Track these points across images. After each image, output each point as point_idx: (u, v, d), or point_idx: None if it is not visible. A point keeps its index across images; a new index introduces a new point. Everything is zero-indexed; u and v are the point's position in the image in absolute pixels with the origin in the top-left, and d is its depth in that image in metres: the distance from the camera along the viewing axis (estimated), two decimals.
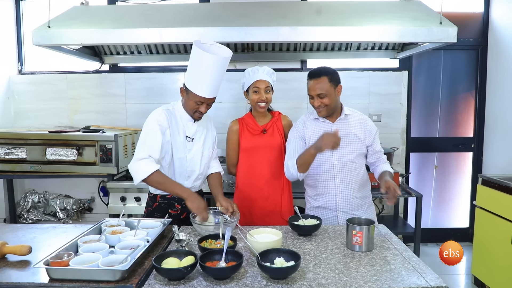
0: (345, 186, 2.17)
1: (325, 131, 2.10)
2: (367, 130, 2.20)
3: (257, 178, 2.39)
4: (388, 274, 1.44)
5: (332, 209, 2.21)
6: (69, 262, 1.39)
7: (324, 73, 2.08)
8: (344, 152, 2.15)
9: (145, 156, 1.94)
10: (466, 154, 4.13)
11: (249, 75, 2.34)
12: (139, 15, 3.20)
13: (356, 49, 3.69)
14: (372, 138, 2.21)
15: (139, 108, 3.86)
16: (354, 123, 2.20)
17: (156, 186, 2.01)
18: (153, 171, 1.92)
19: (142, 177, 1.91)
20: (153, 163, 1.95)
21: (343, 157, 2.16)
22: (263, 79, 2.31)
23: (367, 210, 2.25)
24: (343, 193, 2.18)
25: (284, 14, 2.98)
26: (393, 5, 3.16)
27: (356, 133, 2.18)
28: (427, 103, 4.07)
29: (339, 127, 2.15)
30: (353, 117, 2.22)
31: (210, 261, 1.47)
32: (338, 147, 1.95)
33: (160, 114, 2.04)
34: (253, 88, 2.32)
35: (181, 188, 1.98)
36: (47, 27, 2.76)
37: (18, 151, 3.24)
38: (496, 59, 3.83)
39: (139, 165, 1.93)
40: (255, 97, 2.32)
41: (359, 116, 2.24)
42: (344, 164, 2.16)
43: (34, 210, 3.79)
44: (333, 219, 2.21)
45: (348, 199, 2.18)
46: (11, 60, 3.91)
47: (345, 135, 2.15)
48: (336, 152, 2.15)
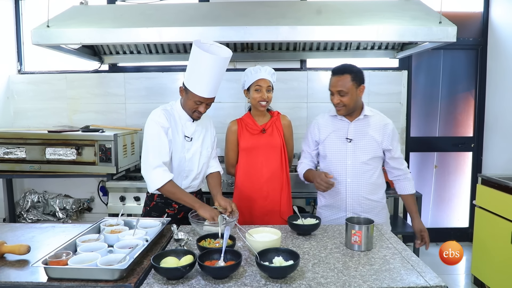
0: (356, 187, 2.14)
1: (338, 129, 2.18)
2: (387, 133, 2.14)
3: (256, 177, 2.39)
4: (387, 273, 1.44)
5: (341, 209, 2.19)
6: (67, 262, 1.38)
7: (348, 71, 2.07)
8: (358, 153, 2.12)
9: (159, 163, 1.97)
10: (466, 154, 4.13)
11: (251, 73, 2.33)
12: (138, 14, 3.20)
13: (356, 48, 3.69)
14: (391, 142, 2.15)
15: (139, 108, 3.86)
16: (373, 125, 2.15)
17: (168, 195, 2.02)
18: (167, 181, 1.95)
19: (157, 186, 1.96)
20: (167, 173, 1.98)
21: (357, 158, 2.12)
22: (265, 78, 2.31)
23: (378, 213, 2.20)
24: (353, 194, 2.15)
25: (283, 13, 2.98)
26: (393, 4, 3.16)
27: (373, 135, 2.13)
28: (427, 103, 4.07)
29: (355, 127, 2.14)
30: (373, 118, 2.17)
31: (209, 260, 1.47)
32: (331, 186, 2.02)
33: (159, 115, 2.04)
34: (255, 86, 2.31)
35: (192, 198, 1.99)
36: (46, 27, 2.75)
37: (18, 151, 3.24)
38: (496, 59, 3.83)
39: (154, 175, 1.96)
40: (257, 96, 2.31)
41: (380, 118, 2.18)
42: (356, 165, 2.13)
43: (34, 209, 3.79)
44: (342, 219, 2.18)
45: (358, 200, 2.15)
46: (10, 59, 3.91)
47: (361, 136, 2.13)
48: (350, 152, 2.13)
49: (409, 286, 1.34)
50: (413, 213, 2.26)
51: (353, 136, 2.14)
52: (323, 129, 2.24)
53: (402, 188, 2.27)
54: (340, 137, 2.17)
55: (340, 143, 2.17)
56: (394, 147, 2.17)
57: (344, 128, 2.18)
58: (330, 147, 2.20)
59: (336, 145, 2.17)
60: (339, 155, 2.16)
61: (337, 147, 2.17)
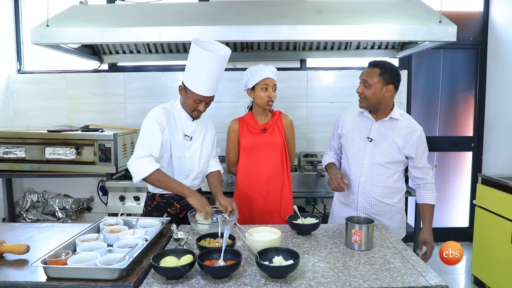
0: (368, 188, 2.10)
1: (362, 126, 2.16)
2: (411, 140, 2.04)
3: (257, 177, 2.38)
4: (388, 273, 1.44)
5: (353, 208, 2.17)
6: (66, 261, 1.38)
7: (380, 65, 2.02)
8: (376, 155, 2.07)
9: (146, 154, 1.94)
10: (466, 154, 4.12)
11: (256, 72, 2.30)
12: (138, 14, 3.20)
13: (356, 48, 3.69)
14: (415, 150, 2.05)
15: (138, 108, 3.85)
16: (398, 129, 2.07)
17: (156, 184, 1.99)
18: (154, 170, 1.91)
19: (143, 175, 1.90)
20: (153, 162, 1.94)
21: (374, 159, 2.08)
22: (271, 77, 2.30)
23: (392, 217, 2.15)
24: (365, 194, 2.11)
25: (283, 13, 2.98)
26: (393, 4, 3.15)
27: (395, 139, 2.05)
28: (427, 102, 4.07)
29: (379, 128, 2.09)
30: (401, 122, 2.08)
31: (209, 260, 1.47)
32: (343, 188, 2.03)
33: (158, 113, 2.04)
34: (262, 85, 2.28)
35: (181, 186, 1.97)
36: (46, 26, 2.75)
37: (17, 151, 3.23)
38: (496, 58, 3.82)
39: (139, 164, 1.92)
40: (264, 95, 2.29)
41: (408, 123, 2.09)
42: (373, 166, 2.08)
43: (33, 209, 3.78)
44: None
45: (370, 201, 2.11)
46: (10, 59, 3.90)
47: (383, 138, 2.08)
48: (369, 152, 2.09)
49: (409, 286, 1.33)
50: (425, 223, 2.17)
51: (375, 136, 2.09)
52: (347, 123, 2.22)
53: (422, 196, 2.18)
54: (361, 135, 2.13)
55: (360, 141, 2.13)
56: (418, 156, 2.08)
57: (368, 126, 2.13)
58: (350, 143, 2.17)
59: (356, 142, 2.14)
60: (357, 153, 2.13)
61: (357, 144, 2.13)
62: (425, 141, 2.12)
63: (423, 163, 2.12)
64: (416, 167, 2.12)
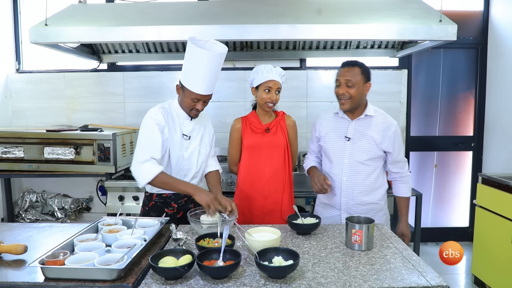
0: (351, 187, 2.13)
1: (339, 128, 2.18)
2: (388, 135, 2.10)
3: (258, 176, 2.37)
4: (388, 273, 1.43)
5: (336, 208, 2.19)
6: (64, 261, 1.37)
7: (359, 64, 2.08)
8: (355, 153, 2.11)
9: (147, 158, 1.93)
10: (466, 153, 4.11)
11: (262, 72, 2.28)
12: (137, 13, 3.18)
13: (356, 47, 3.68)
14: (392, 145, 2.11)
15: (138, 107, 3.84)
16: (374, 125, 2.12)
17: (161, 187, 2.00)
18: (158, 173, 1.91)
19: (147, 180, 1.91)
20: (156, 165, 1.94)
21: (354, 157, 2.11)
22: (276, 79, 2.27)
23: (375, 215, 2.14)
24: (348, 194, 2.14)
25: (283, 12, 2.96)
26: (393, 3, 3.14)
27: (373, 135, 2.10)
28: (427, 102, 4.06)
29: (355, 126, 2.13)
30: (375, 119, 2.13)
31: (208, 260, 1.45)
32: (326, 190, 2.05)
33: (156, 113, 2.03)
34: (265, 86, 2.27)
35: (186, 184, 1.97)
36: (45, 25, 2.74)
37: (16, 150, 3.22)
38: (496, 58, 3.81)
39: (142, 168, 1.93)
40: (266, 96, 2.28)
41: (383, 119, 2.14)
42: (353, 165, 2.12)
43: (32, 209, 3.77)
44: (336, 218, 2.19)
45: (353, 200, 2.14)
46: (8, 58, 3.89)
47: (360, 136, 2.11)
48: (348, 151, 2.12)
49: (410, 286, 1.32)
50: (402, 215, 2.27)
51: (352, 135, 2.13)
52: (324, 125, 2.25)
53: (397, 190, 2.26)
54: (339, 135, 2.17)
55: (339, 141, 2.16)
56: (395, 151, 2.13)
57: (344, 126, 2.17)
58: (329, 145, 2.20)
59: (335, 143, 2.17)
60: (337, 153, 2.16)
61: (336, 145, 2.17)
62: (400, 135, 2.17)
63: (400, 157, 2.18)
64: (394, 162, 2.17)
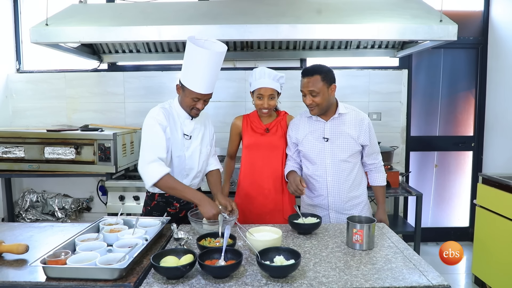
0: (337, 186, 2.17)
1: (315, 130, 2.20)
2: (363, 129, 2.15)
3: (259, 176, 2.38)
4: (389, 272, 1.43)
5: (324, 208, 2.22)
6: (66, 261, 1.37)
7: (318, 71, 2.06)
8: (336, 152, 2.14)
9: (154, 158, 1.93)
10: (466, 153, 4.12)
11: (255, 78, 2.29)
12: (138, 13, 3.18)
13: (356, 47, 3.68)
14: (368, 137, 2.17)
15: (138, 107, 3.84)
16: (348, 122, 2.16)
17: (167, 190, 2.00)
18: (163, 175, 1.91)
19: (153, 181, 1.91)
20: (163, 166, 1.93)
21: (336, 156, 2.15)
22: (268, 86, 2.26)
23: (362, 210, 2.24)
24: (334, 193, 2.17)
25: (283, 12, 2.97)
26: (393, 3, 3.14)
27: (349, 132, 2.14)
28: (427, 102, 4.06)
29: (331, 126, 2.16)
30: (348, 115, 2.18)
31: (209, 259, 1.46)
32: (301, 192, 2.06)
33: (158, 113, 2.03)
34: (257, 94, 2.29)
35: (193, 193, 1.94)
36: (45, 25, 2.74)
37: (16, 150, 3.22)
38: (496, 58, 3.82)
39: (149, 169, 1.92)
40: (259, 103, 2.30)
41: (355, 114, 2.19)
42: (336, 164, 2.15)
43: (33, 209, 3.77)
44: (325, 218, 2.20)
45: (340, 198, 2.18)
46: (9, 58, 3.89)
47: (337, 135, 2.15)
48: (329, 151, 2.15)
49: (411, 285, 1.32)
50: (379, 203, 2.33)
51: (330, 135, 2.16)
52: (300, 130, 2.25)
53: (374, 179, 2.31)
54: (317, 137, 2.18)
55: (317, 143, 2.18)
56: (371, 143, 2.19)
57: (320, 128, 2.19)
58: (308, 147, 2.21)
59: (314, 145, 2.19)
60: (318, 155, 2.18)
61: (315, 147, 2.18)
62: (373, 127, 2.22)
63: (375, 148, 2.25)
64: (369, 153, 2.23)
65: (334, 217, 2.20)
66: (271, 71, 2.31)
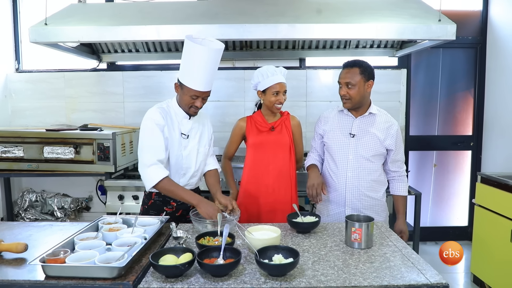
0: (356, 183, 2.16)
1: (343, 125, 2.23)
2: (390, 134, 2.16)
3: (263, 174, 2.38)
4: (388, 270, 1.43)
5: (340, 204, 2.21)
6: (65, 260, 1.37)
7: (358, 64, 2.12)
8: (360, 149, 2.15)
9: (153, 161, 1.96)
10: (465, 152, 4.12)
11: (267, 75, 2.29)
12: (136, 12, 3.18)
13: (355, 47, 3.69)
14: (394, 143, 2.16)
15: (137, 107, 3.84)
16: (377, 123, 2.17)
17: (166, 193, 2.03)
18: (162, 178, 1.94)
19: (152, 184, 1.96)
20: (162, 170, 1.97)
21: (358, 153, 2.15)
22: (282, 81, 2.29)
23: (378, 212, 2.21)
24: (352, 189, 2.17)
25: (282, 11, 2.97)
26: (392, 2, 3.15)
27: (376, 133, 2.15)
28: (426, 101, 4.07)
29: (360, 123, 2.18)
30: (379, 117, 2.19)
31: (208, 258, 1.46)
32: (319, 199, 2.11)
33: (154, 113, 2.04)
34: (273, 90, 2.28)
35: (191, 195, 1.98)
36: (44, 25, 2.74)
37: (15, 150, 3.22)
38: (495, 57, 3.82)
39: (148, 172, 1.96)
40: (274, 99, 2.30)
41: (386, 118, 2.21)
42: (358, 161, 2.16)
43: (32, 209, 3.77)
44: (340, 215, 2.19)
45: (358, 196, 2.17)
46: (8, 58, 3.89)
47: (364, 133, 2.16)
48: (353, 147, 2.16)
49: (409, 284, 1.33)
50: (399, 214, 2.30)
51: (356, 132, 2.17)
52: (329, 122, 2.28)
53: (395, 188, 2.29)
54: (343, 132, 2.20)
55: (343, 138, 2.20)
56: (396, 149, 2.19)
57: (349, 123, 2.21)
58: (333, 141, 2.23)
59: (339, 139, 2.20)
60: (342, 150, 2.19)
61: (340, 141, 2.20)
62: (401, 135, 2.24)
63: (400, 156, 2.23)
64: (394, 160, 2.22)
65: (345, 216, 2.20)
66: (281, 67, 2.34)
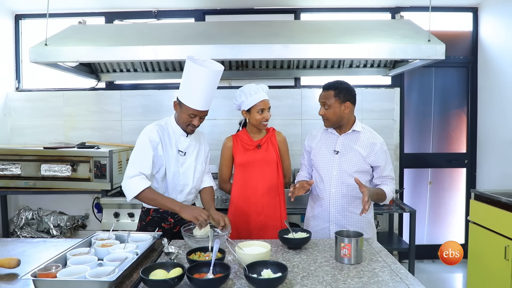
0: (339, 198, 2.18)
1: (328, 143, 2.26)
2: (374, 151, 2.17)
3: (252, 192, 2.40)
4: (375, 285, 1.44)
5: (325, 220, 2.23)
6: (56, 274, 1.38)
7: (333, 87, 2.17)
8: (343, 165, 2.18)
9: (136, 173, 1.99)
10: (460, 170, 4.15)
11: (250, 94, 2.34)
12: (135, 33, 3.27)
13: (349, 66, 3.76)
14: (377, 160, 2.17)
15: (134, 125, 3.89)
16: (361, 140, 2.20)
17: (148, 202, 2.04)
18: (144, 188, 1.97)
19: (133, 194, 1.97)
20: (144, 180, 1.99)
21: (342, 169, 2.18)
22: (266, 98, 2.36)
23: (363, 229, 2.13)
24: (336, 205, 2.19)
25: (276, 32, 3.05)
26: (383, 23, 3.24)
27: (359, 149, 2.17)
28: (420, 120, 4.12)
29: (343, 141, 2.22)
30: (363, 134, 2.22)
31: (198, 273, 1.47)
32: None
33: (151, 130, 2.08)
34: (258, 108, 2.34)
35: (172, 202, 2.00)
36: (44, 45, 2.81)
37: (13, 167, 3.25)
38: (486, 76, 3.89)
39: (130, 183, 1.98)
40: (260, 117, 2.35)
41: (370, 135, 2.22)
42: (342, 176, 2.18)
43: (28, 227, 3.76)
44: (325, 230, 2.22)
45: (342, 212, 2.18)
46: (9, 77, 3.96)
47: (348, 150, 2.20)
48: (337, 164, 2.19)
49: None
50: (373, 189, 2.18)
51: (340, 149, 2.21)
52: (315, 139, 2.33)
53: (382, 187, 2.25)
54: (328, 149, 2.25)
55: (328, 154, 2.24)
56: (381, 163, 2.18)
57: (333, 140, 2.25)
58: (319, 157, 2.27)
59: (324, 156, 2.25)
60: (327, 166, 2.23)
61: (325, 158, 2.24)
62: (387, 152, 2.23)
63: (387, 173, 2.22)
64: (381, 177, 2.22)
65: (334, 230, 2.18)
66: (261, 84, 2.40)
